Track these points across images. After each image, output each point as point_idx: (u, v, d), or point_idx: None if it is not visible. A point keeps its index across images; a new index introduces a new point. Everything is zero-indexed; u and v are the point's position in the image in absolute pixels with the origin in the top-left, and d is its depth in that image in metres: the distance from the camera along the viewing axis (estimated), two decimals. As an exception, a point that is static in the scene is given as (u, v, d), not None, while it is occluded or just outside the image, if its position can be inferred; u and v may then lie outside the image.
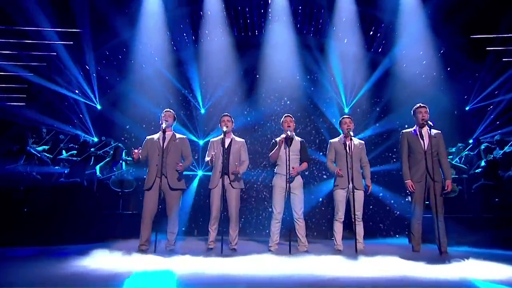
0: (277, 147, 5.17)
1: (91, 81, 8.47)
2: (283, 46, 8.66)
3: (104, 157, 7.36)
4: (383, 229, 7.87)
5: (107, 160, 7.32)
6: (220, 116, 5.41)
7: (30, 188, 6.14)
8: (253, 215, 8.05)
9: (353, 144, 5.21)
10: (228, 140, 5.25)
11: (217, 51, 8.62)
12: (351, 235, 5.17)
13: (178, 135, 5.24)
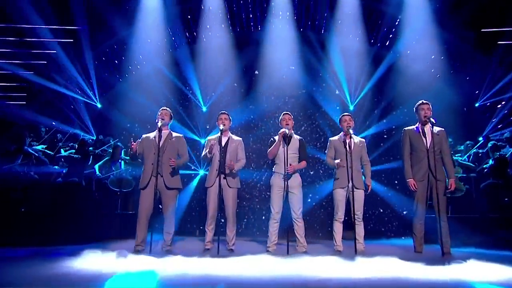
0: (276, 143, 5.17)
1: (91, 80, 8.53)
2: (286, 42, 8.63)
3: (102, 156, 7.41)
4: (390, 230, 7.80)
5: (106, 159, 7.36)
6: (218, 114, 5.41)
7: (28, 188, 6.21)
8: (256, 215, 8.03)
9: (353, 142, 5.17)
10: (225, 139, 5.25)
11: (218, 48, 8.61)
12: (353, 236, 5.14)
13: (175, 134, 5.25)
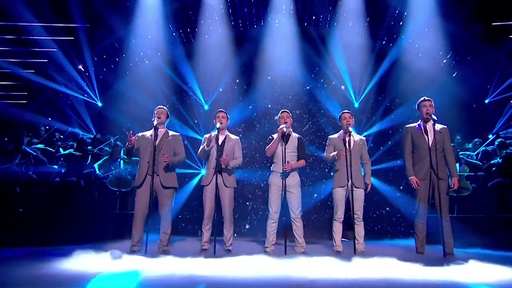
0: (274, 140, 5.18)
1: (91, 78, 8.60)
2: (288, 38, 8.58)
3: (100, 155, 7.46)
4: (397, 231, 7.72)
5: (106, 158, 7.40)
6: (215, 112, 5.43)
7: (26, 188, 6.29)
8: (259, 216, 8.02)
9: (353, 140, 5.17)
10: (222, 137, 5.27)
11: (219, 45, 8.61)
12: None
13: (171, 132, 5.28)
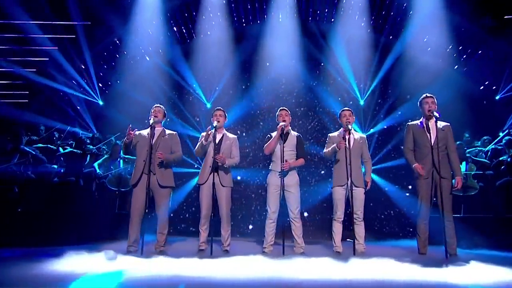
0: (273, 138, 5.17)
1: (91, 77, 8.66)
2: (290, 34, 8.55)
3: (99, 154, 7.51)
4: (404, 231, 7.64)
5: (105, 157, 7.45)
6: (213, 110, 5.43)
7: (24, 188, 6.36)
8: (263, 216, 8.00)
9: (353, 139, 5.14)
10: (220, 136, 5.27)
11: (219, 42, 8.58)
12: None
13: (168, 131, 5.30)
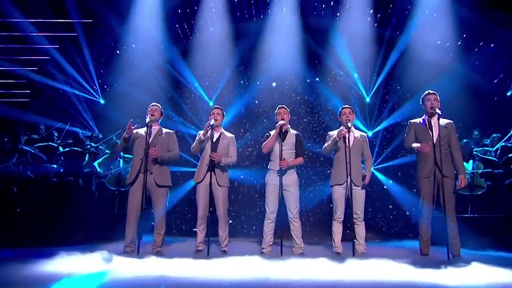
0: (272, 136, 5.16)
1: (92, 76, 8.69)
2: (293, 31, 8.48)
3: (98, 153, 7.54)
4: (413, 232, 7.57)
5: (105, 157, 7.48)
6: (211, 108, 5.43)
7: (23, 188, 6.42)
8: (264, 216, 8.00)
9: (353, 137, 5.11)
10: (217, 135, 5.26)
11: (220, 40, 8.53)
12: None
13: (165, 130, 5.30)
